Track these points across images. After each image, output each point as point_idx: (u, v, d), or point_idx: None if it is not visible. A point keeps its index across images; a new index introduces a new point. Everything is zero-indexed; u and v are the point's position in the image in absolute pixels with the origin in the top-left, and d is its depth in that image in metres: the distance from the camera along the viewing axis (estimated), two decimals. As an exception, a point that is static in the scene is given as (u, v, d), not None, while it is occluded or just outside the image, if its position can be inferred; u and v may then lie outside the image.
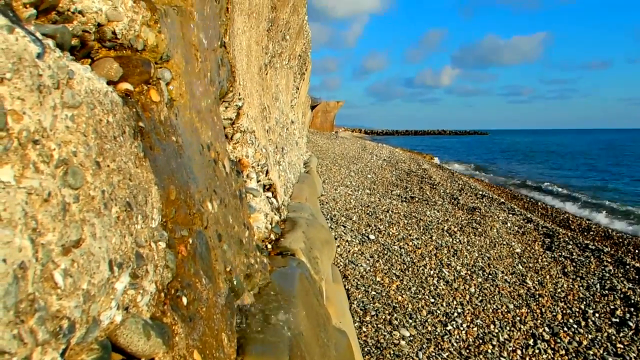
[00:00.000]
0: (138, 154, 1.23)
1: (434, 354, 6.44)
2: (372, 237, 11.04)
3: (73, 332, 0.83)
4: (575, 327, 7.45)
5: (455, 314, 7.59)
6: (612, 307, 8.17)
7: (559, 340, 7.02)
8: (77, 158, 0.88)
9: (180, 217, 1.52)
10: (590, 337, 7.17)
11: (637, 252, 12.22)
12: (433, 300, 8.04)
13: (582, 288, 8.96)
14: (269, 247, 3.76)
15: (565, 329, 7.36)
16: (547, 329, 7.34)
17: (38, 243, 0.72)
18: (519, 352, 6.69)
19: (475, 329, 7.17)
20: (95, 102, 1.02)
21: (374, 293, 8.07)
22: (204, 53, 2.36)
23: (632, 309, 8.02)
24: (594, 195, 23.20)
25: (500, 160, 46.65)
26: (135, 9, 1.52)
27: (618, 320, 7.69)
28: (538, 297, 8.45)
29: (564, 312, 7.98)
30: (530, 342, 6.96)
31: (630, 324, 7.50)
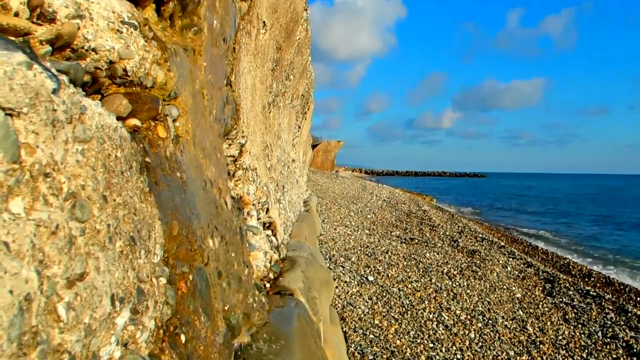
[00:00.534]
0: (143, 189, 1.24)
1: (433, 401, 6.27)
2: (371, 278, 10.94)
3: (72, 367, 0.82)
4: (577, 376, 7.30)
5: (455, 360, 7.43)
6: (614, 356, 8.02)
7: (561, 390, 6.85)
8: (85, 191, 0.89)
9: (182, 252, 1.52)
10: (593, 386, 7.01)
11: (638, 299, 12.08)
12: (432, 345, 7.90)
13: (583, 336, 8.81)
14: (268, 286, 3.73)
15: (567, 378, 7.20)
16: (548, 378, 7.18)
17: (44, 275, 0.72)
18: (520, 400, 6.53)
19: (475, 376, 7.02)
20: (105, 137, 1.04)
21: (372, 336, 7.94)
22: (211, 91, 2.41)
23: (634, 359, 7.87)
24: (594, 245, 23.10)
25: (501, 203, 46.64)
26: (147, 48, 1.56)
27: (620, 370, 7.54)
28: (539, 344, 8.31)
29: (566, 360, 7.83)
30: (531, 390, 6.80)
31: (633, 374, 7.35)
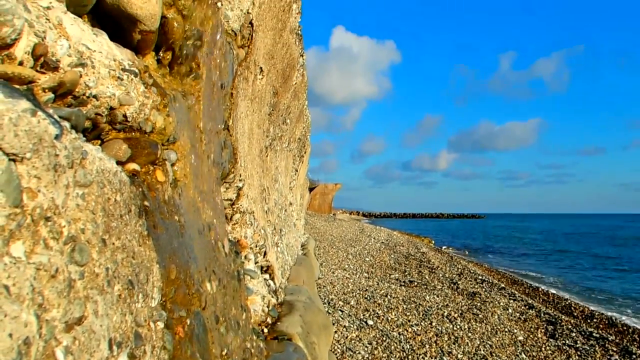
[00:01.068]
0: (142, 233, 1.25)
1: None
2: (370, 322, 10.77)
3: (67, 414, 0.81)
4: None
5: (458, 406, 7.24)
6: (620, 399, 7.83)
7: None
8: (84, 235, 0.90)
9: (180, 296, 1.51)
10: None
11: (642, 341, 11.87)
12: (434, 391, 7.71)
13: (588, 379, 8.62)
14: (266, 330, 3.68)
15: None
16: None
17: (43, 319, 0.72)
18: None
19: (479, 423, 6.82)
20: (105, 181, 1.05)
21: (373, 382, 7.75)
22: (209, 135, 2.44)
23: (641, 403, 7.68)
24: (595, 286, 22.89)
25: (499, 245, 46.39)
26: (147, 94, 1.60)
27: (628, 415, 7.35)
28: (543, 388, 8.12)
29: (571, 405, 7.63)
30: None
31: (641, 419, 7.15)
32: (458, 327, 11.02)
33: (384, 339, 9.78)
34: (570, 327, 11.81)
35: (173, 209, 1.64)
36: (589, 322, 13.96)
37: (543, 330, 11.45)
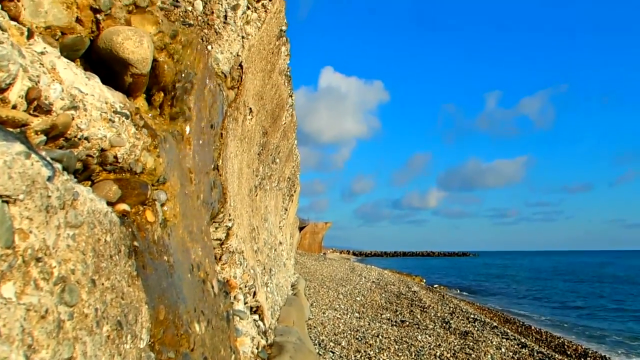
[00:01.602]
0: (131, 273, 1.25)
1: None
2: (362, 363, 10.57)
3: None
4: None
5: None
6: None
7: None
8: (74, 276, 0.90)
9: (168, 337, 1.49)
10: None
11: (637, 379, 11.75)
12: None
13: (584, 419, 8.47)
14: (255, 373, 3.61)
15: None
16: None
17: (32, 360, 0.72)
18: None
19: None
20: (96, 221, 1.06)
21: None
22: (198, 176, 2.46)
23: None
24: (588, 324, 22.76)
25: (490, 283, 46.15)
26: (137, 135, 1.63)
27: None
28: None
29: None
30: None
31: None
32: (451, 367, 10.86)
33: (376, 381, 9.60)
34: (564, 365, 11.69)
35: (162, 249, 1.64)
36: (583, 360, 13.83)
37: (537, 370, 11.31)
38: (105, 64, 1.81)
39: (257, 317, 4.64)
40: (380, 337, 13.26)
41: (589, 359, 14.08)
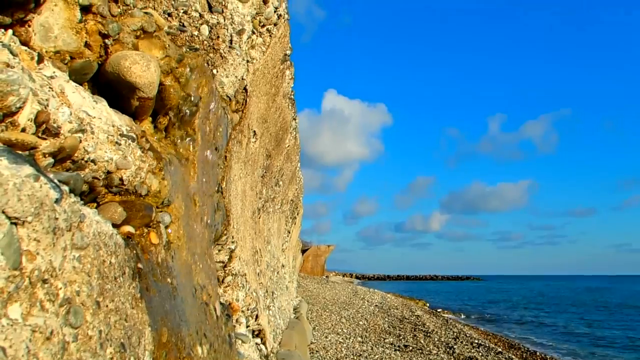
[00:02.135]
0: (135, 295, 1.25)
1: None
2: (364, 389, 10.43)
3: None
4: None
5: None
6: None
7: None
8: (79, 297, 0.91)
9: (170, 361, 1.49)
10: None
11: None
12: None
13: None
14: (257, 398, 3.57)
15: None
16: None
17: (36, 382, 0.72)
18: None
19: None
20: (101, 243, 1.07)
21: None
22: (202, 198, 2.47)
23: None
24: (593, 350, 22.43)
25: (495, 307, 45.67)
26: (143, 158, 1.65)
27: None
28: None
29: None
30: None
31: None
32: (455, 393, 10.70)
33: (379, 407, 9.46)
34: (570, 392, 11.51)
35: (166, 272, 1.65)
36: (589, 387, 13.61)
37: (542, 397, 11.13)
38: (113, 88, 1.84)
39: (259, 340, 4.60)
40: (383, 362, 13.08)
41: (596, 386, 13.87)
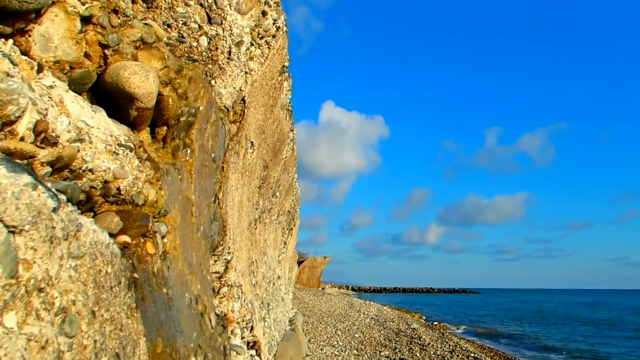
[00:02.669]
0: (130, 305, 1.25)
1: None
2: (360, 402, 10.35)
3: None
4: None
5: None
6: None
7: None
8: (75, 307, 0.91)
9: (165, 372, 1.48)
10: None
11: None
12: None
13: None
14: (251, 410, 3.54)
15: None
16: None
17: (30, 391, 0.72)
18: None
19: None
20: (98, 253, 1.08)
21: None
22: (199, 208, 2.48)
23: None
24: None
25: (491, 322, 45.51)
26: (141, 168, 1.65)
27: None
28: None
29: None
30: None
31: None
32: (451, 407, 10.63)
33: (374, 421, 9.39)
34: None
35: (162, 282, 1.65)
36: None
37: (538, 411, 11.08)
38: (111, 98, 1.85)
39: (254, 352, 4.58)
40: (379, 375, 13.00)
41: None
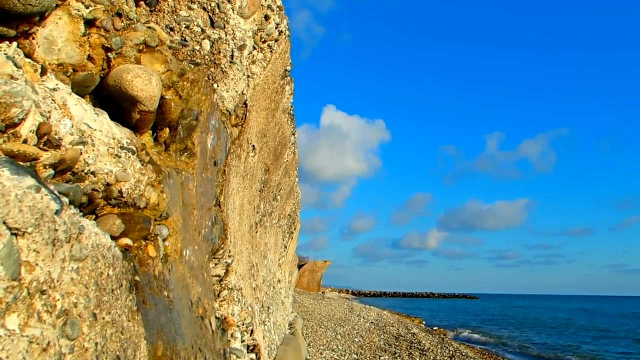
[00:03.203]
0: (131, 308, 1.25)
1: None
2: (359, 407, 10.32)
3: None
4: None
5: None
6: None
7: None
8: (77, 309, 0.91)
9: (165, 375, 1.48)
10: None
11: None
12: None
13: None
14: (250, 414, 3.53)
15: None
16: None
17: (31, 393, 0.72)
18: None
19: None
20: (99, 255, 1.08)
21: None
22: (200, 211, 2.48)
23: None
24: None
25: (491, 327, 45.39)
26: (143, 171, 1.65)
27: None
28: None
29: None
30: None
31: None
32: (450, 413, 10.60)
33: None
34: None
35: (163, 285, 1.65)
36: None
37: (538, 418, 11.04)
38: (114, 101, 1.86)
39: (253, 355, 4.57)
40: (379, 380, 12.96)
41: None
